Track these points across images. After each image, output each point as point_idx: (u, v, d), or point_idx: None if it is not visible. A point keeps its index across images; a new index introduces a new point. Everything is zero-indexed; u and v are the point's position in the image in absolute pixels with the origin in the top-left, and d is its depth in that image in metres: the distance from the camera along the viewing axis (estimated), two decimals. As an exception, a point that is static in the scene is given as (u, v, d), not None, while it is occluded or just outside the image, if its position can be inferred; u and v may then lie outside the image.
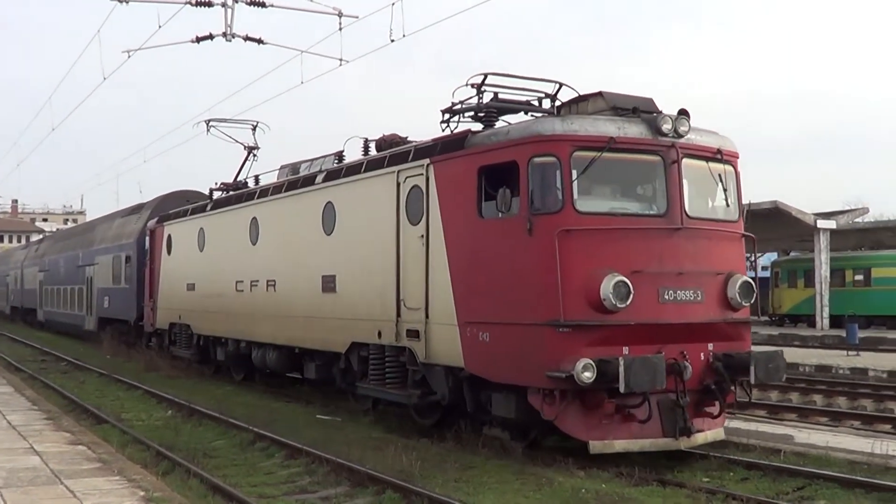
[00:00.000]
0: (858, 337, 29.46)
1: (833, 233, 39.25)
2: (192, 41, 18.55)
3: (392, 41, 16.33)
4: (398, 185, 13.34)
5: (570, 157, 10.76)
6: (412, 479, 9.97)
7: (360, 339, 14.36)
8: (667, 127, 11.07)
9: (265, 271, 18.05)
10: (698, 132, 11.44)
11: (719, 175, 11.64)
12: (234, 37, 18.15)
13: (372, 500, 9.62)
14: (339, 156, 16.65)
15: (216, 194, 23.34)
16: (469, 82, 13.02)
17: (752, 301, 11.49)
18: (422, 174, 12.79)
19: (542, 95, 13.45)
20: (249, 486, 10.30)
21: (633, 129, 11.02)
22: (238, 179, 23.15)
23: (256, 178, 20.99)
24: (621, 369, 10.08)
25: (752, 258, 12.36)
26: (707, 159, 11.50)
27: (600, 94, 11.50)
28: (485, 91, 13.10)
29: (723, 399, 11.24)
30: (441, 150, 12.51)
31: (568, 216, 10.68)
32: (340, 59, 18.83)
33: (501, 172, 11.58)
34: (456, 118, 13.55)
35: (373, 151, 15.68)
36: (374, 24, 17.50)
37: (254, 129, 23.89)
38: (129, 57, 20.22)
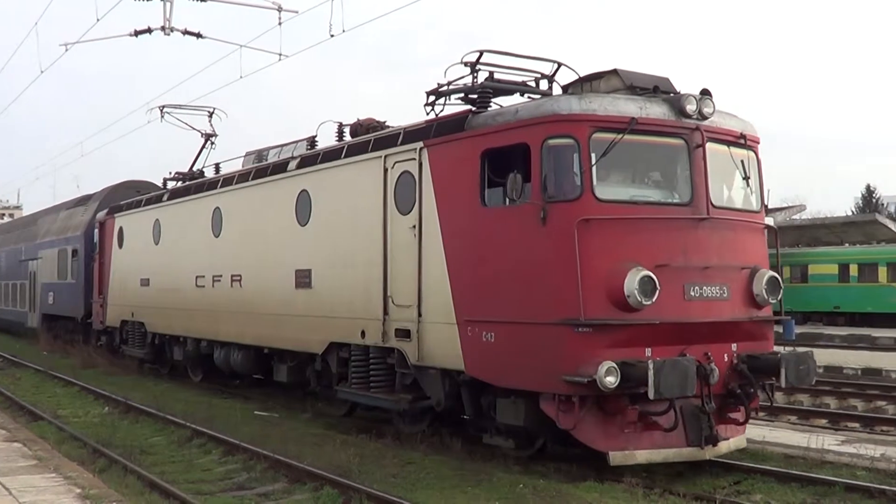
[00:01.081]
0: (795, 333, 29.04)
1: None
2: (131, 35, 18.34)
3: (332, 36, 16.09)
4: (385, 171, 11.97)
5: (588, 138, 9.53)
6: (350, 475, 9.75)
7: (339, 338, 12.96)
8: (691, 108, 9.91)
9: (229, 265, 16.49)
10: (721, 114, 10.29)
11: (741, 161, 10.52)
12: (172, 30, 17.96)
13: (310, 496, 9.37)
14: (312, 141, 15.18)
15: (171, 185, 21.68)
16: (463, 60, 11.74)
17: (779, 298, 10.42)
18: (413, 159, 11.44)
19: (539, 76, 12.28)
20: (187, 482, 10.01)
21: (656, 110, 9.83)
22: (194, 168, 21.53)
23: (217, 167, 19.34)
24: (650, 373, 8.89)
25: (777, 251, 11.30)
26: (729, 144, 10.37)
27: (615, 71, 10.28)
28: (479, 70, 11.87)
29: (748, 404, 10.15)
30: (437, 132, 11.18)
31: (587, 204, 9.44)
32: (280, 54, 18.48)
33: (508, 156, 10.29)
34: (442, 101, 12.28)
35: (347, 137, 14.31)
36: (314, 18, 17.10)
37: (210, 115, 22.24)
38: (66, 50, 19.75)
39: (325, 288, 13.32)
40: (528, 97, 11.81)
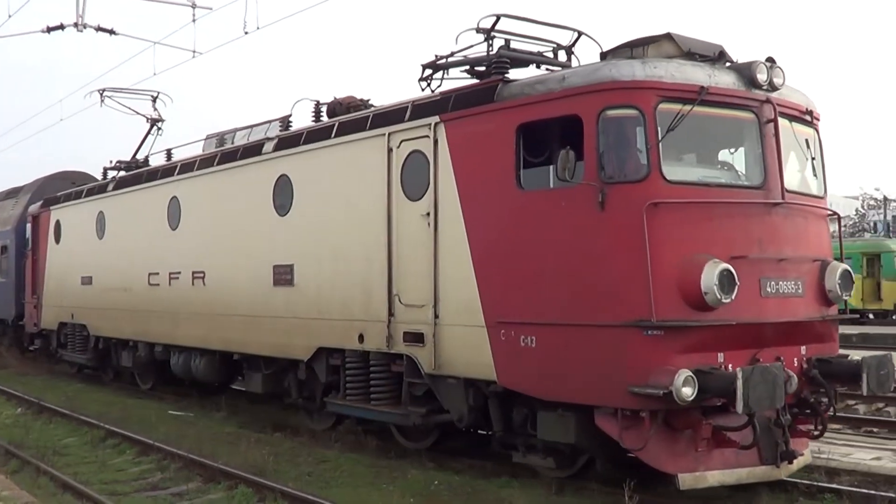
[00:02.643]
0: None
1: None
2: (43, 31, 17.69)
3: (246, 33, 15.69)
4: (389, 151, 10.13)
5: (654, 109, 7.91)
6: (265, 474, 9.58)
7: (330, 343, 11.05)
8: (762, 77, 8.35)
9: (190, 261, 14.36)
10: (787, 87, 8.82)
11: (806, 140, 9.06)
12: (85, 27, 17.52)
13: (224, 495, 9.15)
14: (286, 122, 13.19)
15: (112, 174, 19.26)
16: (479, 26, 10.03)
17: (850, 294, 8.98)
18: (426, 136, 9.63)
19: (555, 46, 10.64)
20: (101, 483, 9.73)
21: (725, 79, 8.23)
22: (138, 156, 19.20)
23: (169, 153, 17.06)
24: (739, 383, 7.30)
25: (840, 242, 9.88)
26: (794, 120, 8.90)
27: (668, 35, 8.63)
28: (494, 38, 10.16)
29: (822, 414, 8.67)
30: (456, 104, 9.39)
31: (656, 186, 7.78)
32: (193, 51, 18.02)
33: (551, 131, 8.64)
34: (440, 75, 10.54)
35: (325, 118, 12.41)
36: (228, 16, 16.72)
37: (154, 100, 19.93)
38: (-24, 46, 18.52)
39: (312, 286, 11.38)
40: (547, 69, 10.16)
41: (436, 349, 9.38)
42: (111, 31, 18.05)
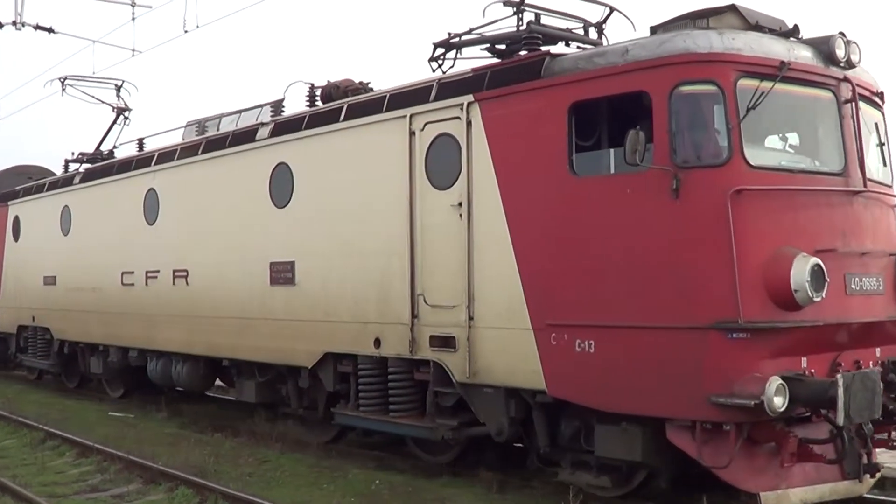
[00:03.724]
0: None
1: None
2: None
3: (186, 32, 15.57)
4: (411, 135, 9.00)
5: (734, 85, 6.95)
6: (206, 475, 9.47)
7: (339, 348, 9.87)
8: (840, 53, 7.45)
9: (170, 259, 13.02)
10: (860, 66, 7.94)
11: (875, 124, 8.21)
12: (24, 25, 17.33)
13: (165, 496, 8.97)
14: (278, 106, 11.96)
15: (74, 167, 17.73)
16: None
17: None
18: (457, 118, 8.53)
19: (585, 23, 9.66)
20: (40, 485, 9.49)
21: (803, 54, 7.31)
22: (100, 148, 17.69)
23: (140, 143, 15.63)
24: (840, 392, 6.39)
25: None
26: (866, 101, 8.03)
27: (733, 7, 7.67)
28: (524, 12, 9.13)
29: None
30: (494, 82, 8.30)
31: (738, 171, 6.81)
32: (133, 50, 18.03)
33: (610, 110, 7.64)
34: (453, 54, 9.49)
35: (319, 103, 11.24)
36: (168, 14, 16.73)
37: (118, 89, 18.46)
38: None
39: (316, 285, 10.19)
40: (579, 47, 9.16)
41: (470, 355, 8.29)
42: (50, 30, 17.81)
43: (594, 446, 7.60)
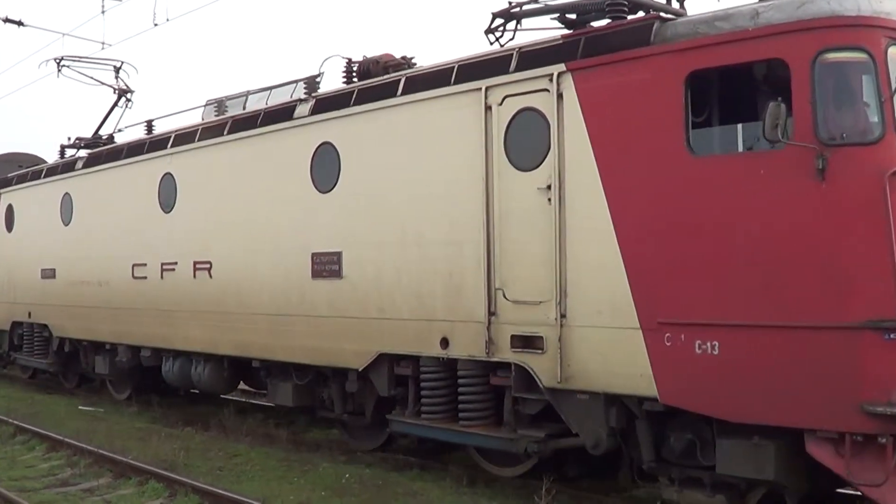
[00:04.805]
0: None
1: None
2: None
3: (156, 25, 15.77)
4: (487, 109, 8.14)
5: (885, 53, 6.18)
6: (176, 468, 9.62)
7: (397, 348, 9.02)
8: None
9: (190, 250, 12.09)
10: None
11: None
12: None
13: (135, 490, 9.07)
14: (313, 82, 11.07)
15: (70, 153, 16.74)
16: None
17: None
18: (544, 90, 7.68)
19: None
20: (10, 479, 9.58)
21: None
22: (99, 132, 16.68)
23: (149, 125, 14.68)
24: None
25: None
26: None
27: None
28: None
29: None
30: (591, 49, 7.45)
31: (894, 150, 6.11)
32: (102, 43, 17.98)
33: (735, 81, 6.83)
34: (514, 25, 8.67)
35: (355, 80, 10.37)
36: (138, 7, 17.74)
37: (118, 70, 17.48)
38: None
39: (369, 278, 9.32)
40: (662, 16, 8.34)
41: (562, 357, 7.46)
42: (19, 23, 17.81)
43: (713, 461, 6.81)
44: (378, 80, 9.61)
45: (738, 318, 6.44)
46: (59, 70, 17.64)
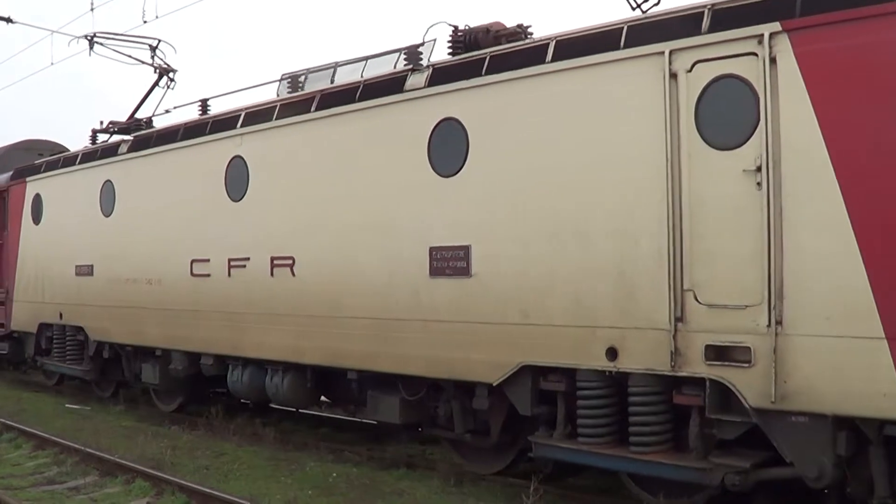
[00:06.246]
0: None
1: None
2: None
3: (145, 22, 16.03)
4: (670, 77, 7.32)
5: None
6: (163, 467, 9.92)
7: (546, 359, 8.17)
8: None
9: (266, 243, 11.25)
10: None
11: None
12: None
13: (122, 489, 9.41)
14: (415, 53, 10.26)
15: (103, 138, 15.93)
16: None
17: None
18: (751, 54, 6.81)
19: None
20: None
21: None
22: (136, 116, 15.85)
23: (204, 104, 13.88)
24: None
25: None
26: None
27: None
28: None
29: None
30: (814, 5, 6.66)
31: None
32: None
33: None
34: None
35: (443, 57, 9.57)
36: (127, 3, 17.56)
37: (153, 49, 16.66)
38: None
39: (506, 276, 8.46)
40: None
41: (776, 372, 6.64)
42: (8, 20, 18.11)
43: None
44: (517, 46, 8.77)
45: None
46: (91, 48, 16.93)
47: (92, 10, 17.48)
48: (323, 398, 11.98)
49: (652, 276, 7.40)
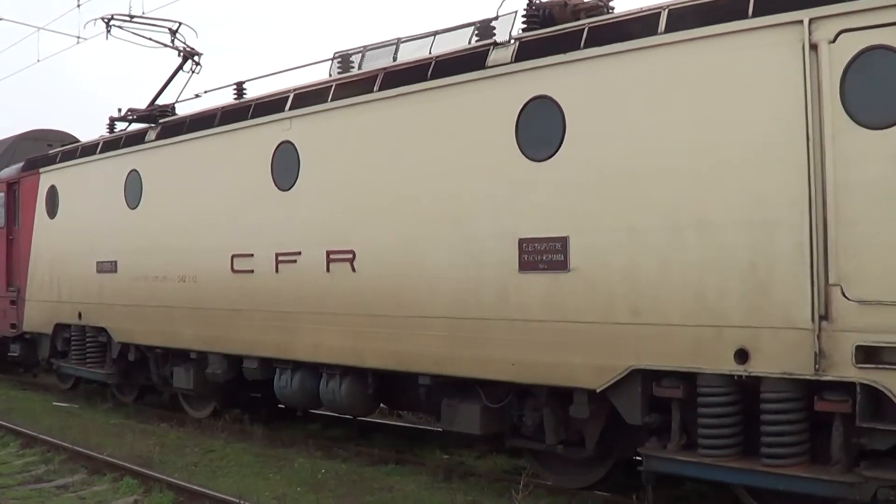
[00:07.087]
0: None
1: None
2: None
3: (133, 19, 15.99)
4: (812, 48, 6.83)
5: None
6: (151, 465, 10.21)
7: (660, 363, 7.65)
8: None
9: (321, 236, 10.74)
10: None
11: None
12: None
13: (110, 486, 9.58)
14: (488, 27, 9.78)
15: (121, 126, 15.45)
16: None
17: None
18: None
19: None
20: None
21: None
22: (157, 102, 15.34)
23: (240, 87, 13.34)
24: None
25: None
26: None
27: None
28: None
29: None
30: None
31: None
32: (78, 37, 18.56)
33: None
34: None
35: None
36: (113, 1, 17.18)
37: (174, 32, 16.13)
38: None
39: (612, 271, 7.94)
40: None
41: (946, 376, 6.23)
42: None
43: None
44: (623, 16, 8.28)
45: None
46: (109, 31, 16.43)
47: (79, 6, 17.83)
48: (382, 405, 11.53)
49: (789, 270, 6.92)
